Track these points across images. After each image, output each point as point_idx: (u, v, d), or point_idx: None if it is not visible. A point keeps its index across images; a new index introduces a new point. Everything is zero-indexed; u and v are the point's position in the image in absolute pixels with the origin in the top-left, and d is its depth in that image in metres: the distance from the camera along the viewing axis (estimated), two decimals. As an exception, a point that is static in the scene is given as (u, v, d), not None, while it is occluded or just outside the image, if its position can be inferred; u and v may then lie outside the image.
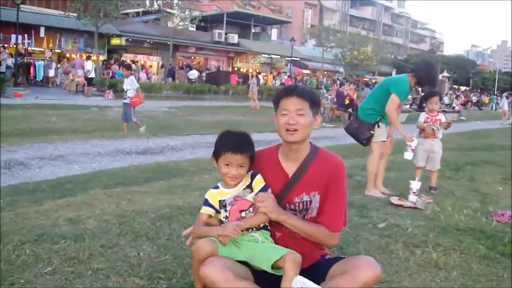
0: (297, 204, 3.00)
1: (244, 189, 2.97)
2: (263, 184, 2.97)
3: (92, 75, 28.77)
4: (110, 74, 35.73)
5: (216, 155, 2.99)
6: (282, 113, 2.95)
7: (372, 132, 7.13)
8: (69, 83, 31.18)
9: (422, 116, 8.09)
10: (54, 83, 34.57)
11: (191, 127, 16.47)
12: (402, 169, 9.52)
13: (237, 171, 2.92)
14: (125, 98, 14.37)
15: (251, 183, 2.97)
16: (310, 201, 3.00)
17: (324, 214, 3.00)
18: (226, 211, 2.95)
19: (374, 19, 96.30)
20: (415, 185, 6.82)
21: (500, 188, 8.63)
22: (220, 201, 2.97)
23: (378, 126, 7.22)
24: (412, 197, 6.72)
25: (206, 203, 2.99)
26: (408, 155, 7.14)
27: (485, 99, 64.92)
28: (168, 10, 46.01)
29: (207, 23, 51.55)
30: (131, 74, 15.02)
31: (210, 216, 2.98)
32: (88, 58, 31.12)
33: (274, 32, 67.12)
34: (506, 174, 9.98)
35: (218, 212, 3.00)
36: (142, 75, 37.35)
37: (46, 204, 5.64)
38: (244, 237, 2.88)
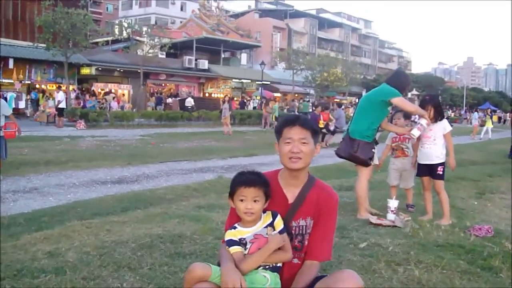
0: (293, 228, 3.08)
1: (266, 227, 2.98)
2: (283, 225, 3.01)
3: (63, 105, 28.54)
4: (81, 104, 35.52)
5: (231, 193, 3.02)
6: (285, 141, 3.04)
7: (374, 150, 7.07)
8: (40, 114, 30.92)
9: (390, 137, 8.19)
10: (24, 115, 34.23)
11: (165, 155, 16.40)
12: (378, 188, 9.60)
13: (252, 205, 2.94)
14: None
15: (272, 221, 3.00)
16: (306, 226, 3.09)
17: (315, 244, 3.08)
18: (246, 249, 2.96)
19: (342, 41, 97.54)
20: (393, 203, 6.86)
21: (475, 203, 8.75)
22: (240, 239, 2.97)
23: (377, 143, 7.25)
24: (391, 216, 6.75)
25: (233, 242, 2.97)
26: (416, 133, 6.96)
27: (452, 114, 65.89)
28: (137, 38, 46.04)
29: (177, 49, 51.66)
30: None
31: (244, 254, 2.97)
32: (59, 88, 30.88)
33: (244, 56, 67.67)
34: (480, 189, 10.13)
35: None
36: (114, 104, 37.20)
37: (23, 238, 5.53)
38: (255, 275, 2.90)
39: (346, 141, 7.17)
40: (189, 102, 40.97)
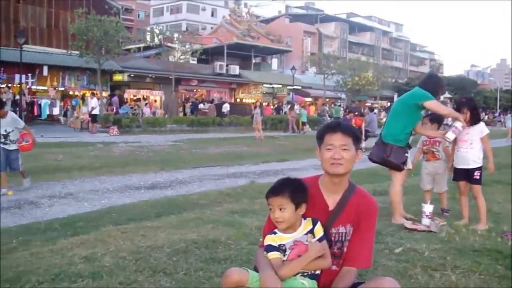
0: (333, 235, 3.08)
1: (306, 234, 2.98)
2: (323, 232, 3.02)
3: (96, 111, 28.86)
4: (114, 110, 35.91)
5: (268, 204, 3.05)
6: (327, 148, 3.05)
7: (407, 154, 7.02)
8: (73, 121, 31.33)
9: (421, 140, 8.13)
10: (58, 121, 34.75)
11: (197, 160, 16.48)
12: (412, 192, 9.50)
13: (279, 214, 2.94)
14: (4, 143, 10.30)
15: (312, 228, 3.01)
16: (346, 233, 3.09)
17: (355, 251, 3.08)
18: (285, 255, 2.96)
19: (373, 44, 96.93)
20: (428, 208, 6.79)
21: (512, 207, 8.59)
22: (279, 245, 2.97)
23: (410, 147, 7.19)
24: (426, 220, 6.68)
25: (272, 248, 2.98)
26: (451, 136, 6.84)
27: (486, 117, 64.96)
28: (169, 44, 46.42)
29: (208, 55, 51.96)
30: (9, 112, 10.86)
31: (282, 260, 2.97)
32: (92, 95, 31.25)
33: (274, 61, 67.70)
34: (516, 193, 9.95)
35: None
36: (146, 110, 37.53)
37: (59, 243, 5.61)
38: (293, 282, 2.89)
39: (379, 145, 7.12)
40: (226, 107, 41.16)
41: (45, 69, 36.20)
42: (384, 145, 6.97)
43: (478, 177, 6.94)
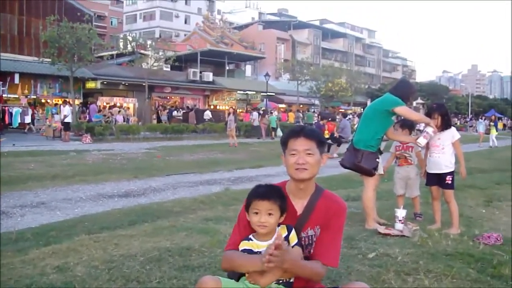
0: (303, 239, 3.08)
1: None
2: (297, 239, 3.01)
3: (69, 119, 28.60)
4: (87, 118, 35.63)
5: (247, 206, 3.01)
6: (291, 153, 3.05)
7: (378, 160, 7.05)
8: (46, 129, 31.02)
9: (393, 145, 8.21)
10: (30, 130, 34.38)
11: (171, 168, 16.42)
12: (385, 197, 9.58)
13: (266, 219, 2.92)
14: None
15: (288, 235, 2.99)
16: (314, 235, 3.08)
17: (323, 248, 3.06)
18: None
19: (346, 51, 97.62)
20: (401, 213, 6.83)
21: (484, 211, 8.71)
22: (256, 252, 2.95)
23: (381, 153, 7.24)
24: (399, 225, 6.72)
25: (252, 253, 2.95)
26: (422, 141, 6.92)
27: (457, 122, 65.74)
28: (142, 51, 46.26)
29: (181, 62, 51.86)
30: None
31: None
32: (64, 103, 30.95)
33: (248, 68, 67.82)
34: (488, 197, 10.09)
35: None
36: (119, 118, 37.28)
37: (31, 253, 5.54)
38: None
39: (351, 151, 7.17)
40: (207, 115, 41.23)
41: (17, 77, 35.89)
42: (356, 151, 7.02)
43: (450, 182, 7.01)
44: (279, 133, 34.67)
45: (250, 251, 2.94)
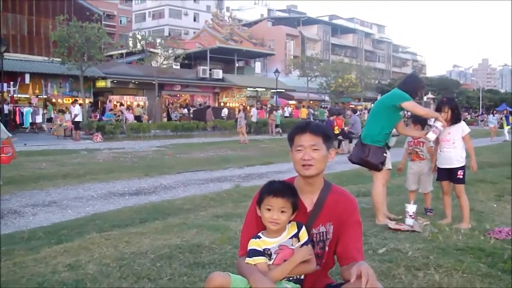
0: (314, 235, 3.06)
1: (291, 238, 2.97)
2: (307, 236, 2.99)
3: (79, 119, 28.71)
4: (98, 117, 35.75)
5: (259, 201, 3.00)
6: (297, 149, 3.03)
7: (385, 154, 7.04)
8: (56, 128, 31.15)
9: (406, 141, 8.20)
10: (41, 129, 34.55)
11: (182, 165, 16.45)
12: (397, 192, 9.57)
13: (278, 216, 2.91)
14: None
15: (297, 232, 2.98)
16: (326, 232, 3.06)
17: (350, 248, 3.02)
18: (271, 259, 2.93)
19: (355, 46, 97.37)
20: (411, 208, 6.81)
21: (495, 205, 8.67)
22: (264, 249, 2.94)
23: (389, 148, 7.23)
24: (409, 220, 6.70)
25: (256, 252, 2.94)
26: (432, 136, 6.90)
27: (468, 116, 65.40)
28: (151, 49, 46.33)
29: (191, 60, 51.86)
30: None
31: (267, 265, 2.94)
32: (75, 102, 31.09)
33: (257, 65, 67.74)
34: (499, 191, 10.04)
35: None
36: (130, 116, 37.38)
37: (43, 251, 5.57)
38: (278, 287, 2.87)
39: (358, 146, 7.19)
40: (224, 112, 41.35)
41: (27, 77, 36.05)
42: (363, 146, 7.03)
43: (461, 177, 6.98)
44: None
45: (256, 251, 2.93)
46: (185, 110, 46.46)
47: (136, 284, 4.25)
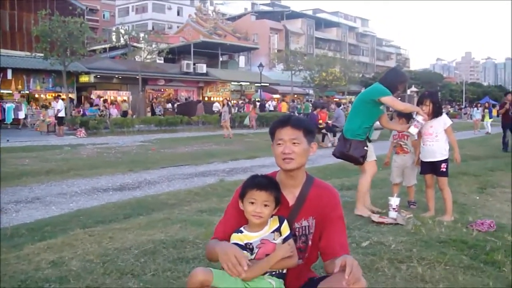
0: (297, 230, 3.06)
1: (273, 232, 2.96)
2: (289, 231, 2.99)
3: (62, 114, 28.51)
4: (81, 112, 35.53)
5: (242, 195, 3.00)
6: (277, 143, 3.03)
7: (366, 148, 7.07)
8: (40, 124, 30.94)
9: (391, 134, 8.26)
10: (24, 125, 34.30)
11: (166, 160, 16.40)
12: (380, 186, 9.61)
13: (261, 209, 2.92)
14: None
15: (279, 226, 2.98)
16: (309, 226, 3.06)
17: (334, 242, 3.01)
18: (252, 254, 2.93)
19: (339, 40, 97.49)
20: (394, 201, 6.85)
21: (477, 198, 8.76)
22: (246, 243, 2.94)
23: (370, 141, 7.26)
24: (392, 213, 6.75)
25: (239, 247, 2.91)
26: (413, 130, 6.92)
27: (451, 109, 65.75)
28: (135, 44, 46.11)
29: (174, 54, 51.73)
30: None
31: (249, 259, 2.90)
32: (58, 97, 30.86)
33: (241, 59, 67.70)
34: (482, 184, 10.13)
35: None
36: (113, 111, 37.18)
37: (26, 248, 5.53)
38: (260, 281, 2.87)
39: (341, 140, 7.25)
40: (216, 106, 41.27)
41: (9, 72, 35.76)
42: (345, 140, 7.09)
43: (444, 170, 7.03)
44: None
45: (237, 245, 2.90)
46: (169, 105, 46.31)
47: (119, 280, 4.24)
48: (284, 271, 2.99)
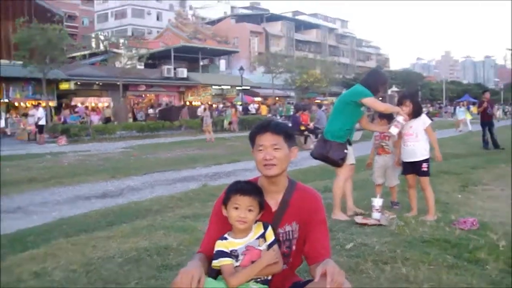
0: (281, 235, 3.03)
1: (258, 238, 2.94)
2: (274, 236, 2.97)
3: (43, 122, 28.30)
4: (62, 120, 35.29)
5: (225, 201, 2.96)
6: (258, 149, 3.00)
7: (346, 151, 7.07)
8: (20, 132, 30.68)
9: (373, 135, 8.29)
10: (5, 134, 33.99)
11: (148, 166, 16.32)
12: (363, 187, 9.62)
13: (245, 214, 2.89)
14: None
15: (264, 232, 2.96)
16: (292, 231, 3.04)
17: (317, 246, 3.00)
18: (238, 261, 2.90)
19: (319, 41, 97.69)
20: (377, 202, 6.86)
21: (459, 196, 8.81)
22: (232, 251, 2.90)
23: (350, 144, 7.27)
24: (376, 214, 6.76)
25: (223, 254, 2.88)
26: (394, 130, 6.90)
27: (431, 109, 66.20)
28: (114, 50, 45.96)
29: (155, 60, 51.64)
30: None
31: (234, 266, 2.88)
32: (38, 105, 30.63)
33: (222, 63, 67.65)
34: (463, 182, 10.20)
35: None
36: (95, 118, 36.97)
37: (8, 260, 5.48)
38: (245, 286, 2.85)
39: (320, 142, 7.28)
40: (200, 110, 41.28)
41: (-12, 81, 35.44)
42: (325, 142, 7.11)
43: (426, 169, 7.07)
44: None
45: (222, 253, 2.89)
46: (151, 110, 46.18)
47: (103, 289, 4.21)
48: (269, 277, 2.97)
